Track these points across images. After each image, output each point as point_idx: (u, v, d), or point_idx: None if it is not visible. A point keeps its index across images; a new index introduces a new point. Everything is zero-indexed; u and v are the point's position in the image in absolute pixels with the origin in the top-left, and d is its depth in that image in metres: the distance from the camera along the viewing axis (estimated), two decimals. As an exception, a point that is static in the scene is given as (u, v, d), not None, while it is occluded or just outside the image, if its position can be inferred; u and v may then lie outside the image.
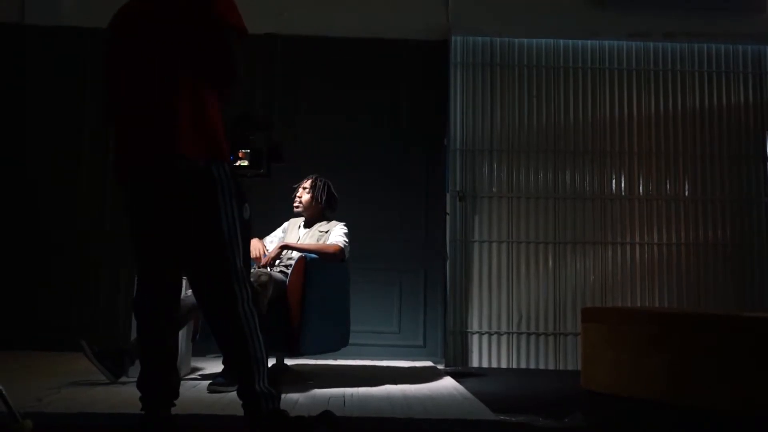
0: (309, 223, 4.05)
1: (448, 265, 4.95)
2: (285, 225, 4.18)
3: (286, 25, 5.10)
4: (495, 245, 5.01)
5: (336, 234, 3.89)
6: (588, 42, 5.17)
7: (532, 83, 5.15)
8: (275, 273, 3.68)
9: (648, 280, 5.01)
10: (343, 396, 3.21)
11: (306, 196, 4.01)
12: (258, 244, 3.95)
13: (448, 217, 4.99)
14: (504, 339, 4.93)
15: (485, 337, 4.93)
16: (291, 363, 4.12)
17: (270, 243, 4.08)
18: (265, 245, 4.00)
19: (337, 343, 3.92)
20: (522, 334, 4.94)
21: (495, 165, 5.09)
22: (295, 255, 3.78)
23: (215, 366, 3.95)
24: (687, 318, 3.57)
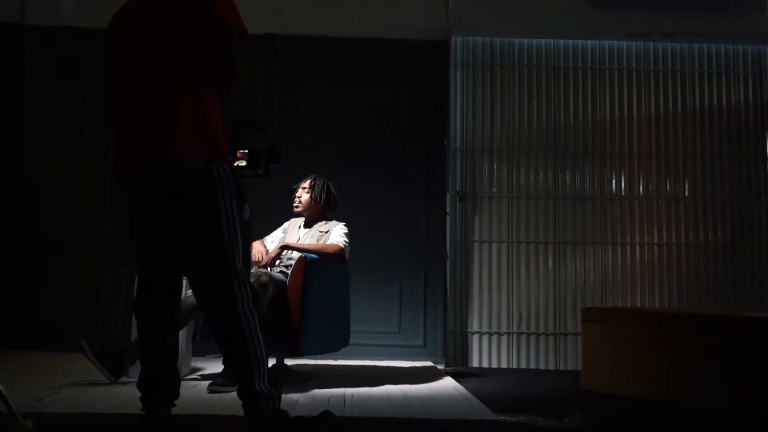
0: (309, 223, 4.05)
1: (448, 265, 4.95)
2: (285, 225, 4.18)
3: (286, 25, 5.10)
4: (495, 245, 5.01)
5: (336, 234, 3.89)
6: (588, 42, 5.17)
7: (532, 83, 5.15)
8: (275, 273, 3.68)
9: (648, 280, 5.01)
10: (343, 396, 3.21)
11: (305, 196, 4.01)
12: (260, 247, 3.94)
13: (448, 217, 4.99)
14: (504, 339, 4.93)
15: (485, 337, 4.93)
16: (291, 363, 4.12)
17: (270, 243, 4.08)
18: (267, 248, 4.00)
19: (337, 343, 3.92)
20: (522, 334, 4.94)
21: (495, 165, 5.09)
22: (296, 255, 3.78)
23: (215, 366, 3.95)
24: (687, 318, 3.57)
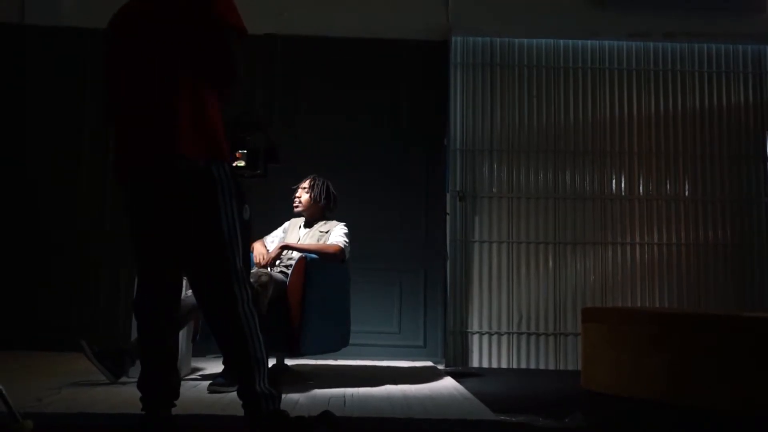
0: (309, 223, 4.06)
1: (449, 266, 4.95)
2: (285, 225, 4.18)
3: (286, 25, 5.10)
4: (495, 245, 5.01)
5: (336, 234, 3.90)
6: (588, 42, 5.17)
7: (532, 83, 5.15)
8: (275, 273, 3.68)
9: (648, 280, 5.01)
10: (344, 396, 3.21)
11: (305, 196, 4.02)
12: (261, 248, 3.94)
13: (448, 217, 4.99)
14: (504, 339, 4.93)
15: (485, 337, 4.93)
16: (291, 363, 4.12)
17: (270, 243, 4.08)
18: (267, 248, 4.00)
19: (337, 343, 3.92)
20: (522, 334, 4.94)
21: (495, 165, 5.09)
22: (296, 255, 3.78)
23: (215, 366, 3.95)
24: (687, 318, 3.57)
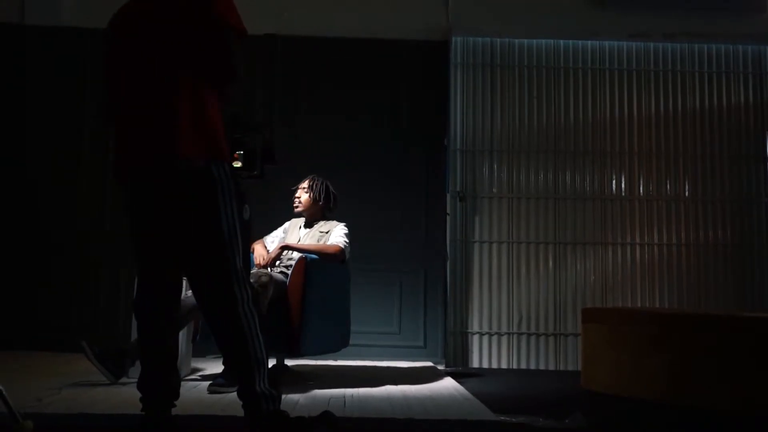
0: (309, 224, 4.06)
1: (449, 266, 4.95)
2: (286, 225, 4.18)
3: (286, 26, 5.10)
4: (495, 246, 5.01)
5: (336, 234, 3.90)
6: (588, 42, 5.17)
7: (533, 84, 5.15)
8: (276, 273, 3.68)
9: (648, 281, 5.01)
10: (344, 396, 3.21)
11: (305, 196, 4.02)
12: (261, 249, 3.94)
13: (448, 218, 4.99)
14: (504, 339, 4.93)
15: (485, 338, 4.93)
16: (291, 363, 4.12)
17: (271, 243, 4.08)
18: (267, 248, 4.00)
19: (337, 343, 3.92)
20: (522, 334, 4.93)
21: (495, 165, 5.09)
22: (296, 255, 3.78)
23: (215, 367, 3.94)
24: (687, 318, 3.57)
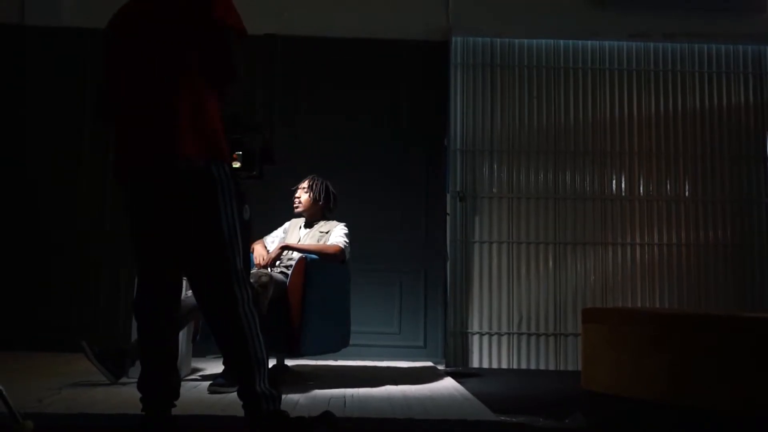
0: (309, 224, 4.06)
1: (449, 266, 4.95)
2: (286, 225, 4.18)
3: (286, 26, 5.10)
4: (495, 246, 5.01)
5: (336, 235, 3.90)
6: (588, 42, 5.17)
7: (533, 84, 5.15)
8: (276, 274, 3.68)
9: (648, 281, 5.01)
10: (344, 397, 3.21)
11: (305, 196, 4.02)
12: (261, 249, 3.94)
13: (448, 218, 4.99)
14: (504, 339, 4.93)
15: (486, 338, 4.93)
16: (291, 364, 4.12)
17: (271, 243, 4.08)
18: (267, 248, 4.00)
19: (337, 343, 3.92)
20: (522, 334, 4.93)
21: (495, 165, 5.09)
22: (296, 256, 3.78)
23: (216, 367, 3.95)
24: (687, 318, 3.57)
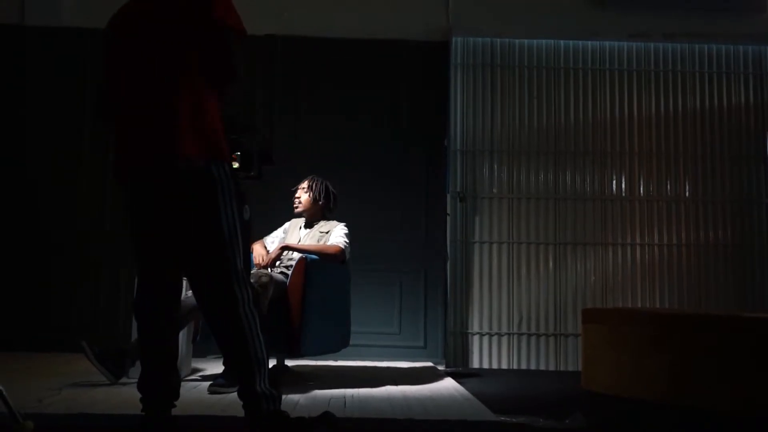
0: (309, 224, 4.06)
1: (449, 266, 4.94)
2: (286, 225, 4.18)
3: (286, 26, 5.10)
4: (495, 246, 5.01)
5: (336, 235, 3.90)
6: (588, 42, 5.17)
7: (533, 84, 5.15)
8: (276, 274, 3.68)
9: (649, 281, 5.01)
10: (344, 397, 3.21)
11: (305, 196, 4.02)
12: (261, 249, 3.94)
13: (448, 218, 4.98)
14: (504, 340, 4.93)
15: (486, 338, 4.93)
16: (291, 364, 4.12)
17: (271, 243, 4.08)
18: (267, 248, 4.00)
19: (337, 344, 3.92)
20: (522, 335, 4.93)
21: (495, 166, 5.08)
22: (296, 256, 3.78)
23: (216, 367, 3.95)
24: (688, 319, 3.57)
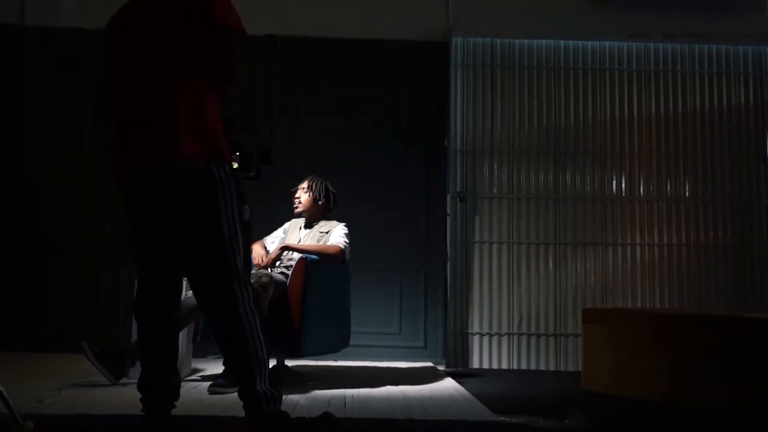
0: (309, 224, 4.06)
1: (449, 266, 4.94)
2: (286, 225, 4.18)
3: (286, 26, 5.10)
4: (495, 246, 5.01)
5: (336, 235, 3.90)
6: (588, 43, 5.16)
7: (533, 84, 5.15)
8: (276, 274, 3.68)
9: (649, 281, 5.01)
10: (344, 397, 3.21)
11: (305, 197, 4.02)
12: (260, 249, 3.94)
13: (448, 218, 4.98)
14: (504, 340, 4.93)
15: (486, 338, 4.92)
16: (291, 364, 4.12)
17: (271, 243, 4.08)
18: (267, 248, 4.00)
19: (337, 344, 3.92)
20: (522, 335, 4.93)
21: (495, 166, 5.08)
22: (296, 256, 3.78)
23: (216, 367, 3.95)
24: (687, 319, 3.57)
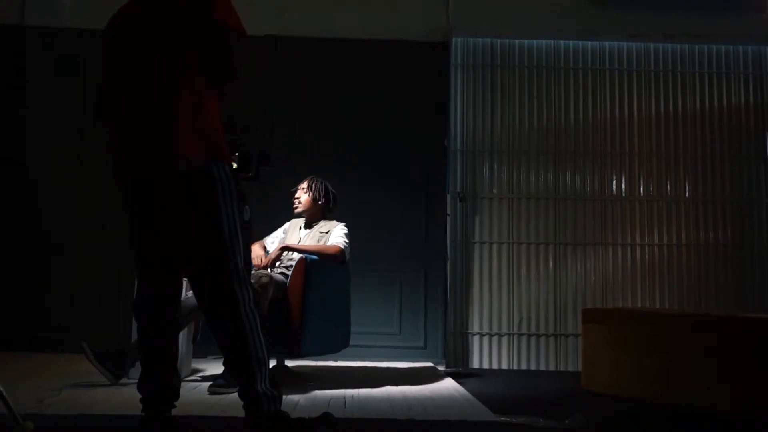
0: (309, 224, 4.06)
1: (449, 266, 4.94)
2: (286, 225, 4.18)
3: (286, 26, 5.10)
4: (495, 246, 5.01)
5: (336, 235, 3.90)
6: (588, 43, 5.16)
7: (533, 84, 5.15)
8: (276, 274, 3.68)
9: (649, 281, 5.01)
10: (344, 397, 3.21)
11: (305, 197, 4.02)
12: (259, 250, 3.94)
13: (448, 218, 4.98)
14: (504, 340, 4.93)
15: (486, 338, 4.92)
16: (291, 364, 4.12)
17: (271, 243, 4.08)
18: (267, 249, 4.00)
19: (337, 344, 3.92)
20: (523, 335, 4.93)
21: (495, 166, 5.08)
22: (296, 256, 3.78)
23: (216, 367, 3.95)
24: (688, 319, 3.57)
